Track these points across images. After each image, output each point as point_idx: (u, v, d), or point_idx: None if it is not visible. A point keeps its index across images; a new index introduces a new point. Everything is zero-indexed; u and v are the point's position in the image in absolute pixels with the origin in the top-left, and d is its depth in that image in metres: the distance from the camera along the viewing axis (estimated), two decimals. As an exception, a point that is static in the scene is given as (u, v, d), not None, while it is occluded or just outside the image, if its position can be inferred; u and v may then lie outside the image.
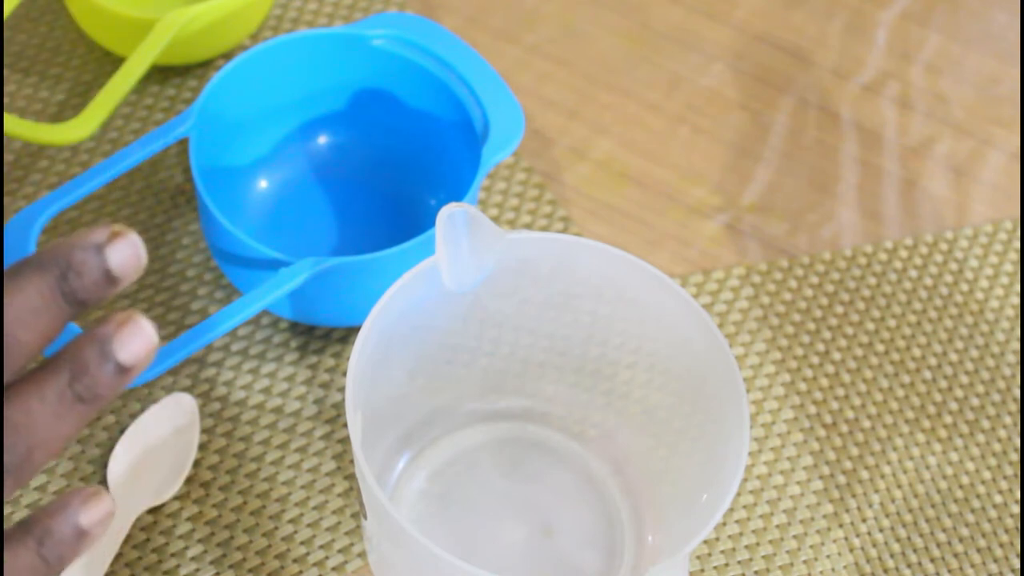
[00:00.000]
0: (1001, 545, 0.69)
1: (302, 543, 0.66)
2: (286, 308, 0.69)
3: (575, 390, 0.68)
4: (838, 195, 0.80)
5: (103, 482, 0.67)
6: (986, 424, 0.72)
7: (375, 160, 0.77)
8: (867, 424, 0.72)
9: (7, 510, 0.66)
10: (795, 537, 0.68)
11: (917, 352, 0.74)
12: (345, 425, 0.69)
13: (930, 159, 0.82)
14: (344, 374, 0.71)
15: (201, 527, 0.66)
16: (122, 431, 0.68)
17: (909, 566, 0.68)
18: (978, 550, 0.69)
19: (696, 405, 0.63)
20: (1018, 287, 0.77)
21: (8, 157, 0.77)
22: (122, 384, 0.42)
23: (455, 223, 0.59)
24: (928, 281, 0.77)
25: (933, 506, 0.70)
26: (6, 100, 0.79)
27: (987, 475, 0.71)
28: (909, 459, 0.71)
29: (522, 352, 0.67)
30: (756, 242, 0.77)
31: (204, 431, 0.69)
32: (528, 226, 0.77)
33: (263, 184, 0.76)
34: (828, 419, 0.72)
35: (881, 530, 0.69)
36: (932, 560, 0.68)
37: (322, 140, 0.77)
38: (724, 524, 0.68)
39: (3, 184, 0.76)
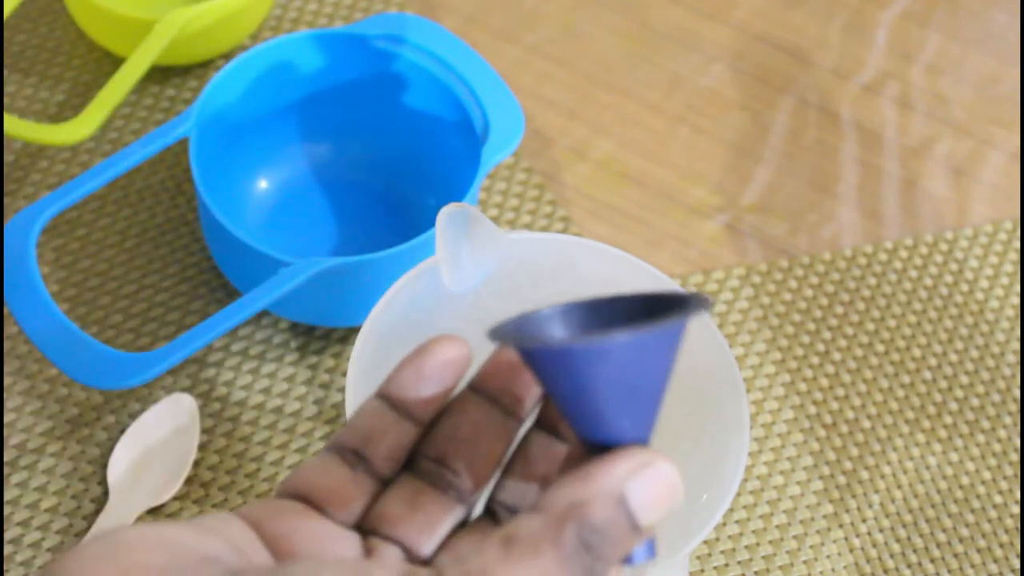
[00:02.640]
0: (1001, 545, 0.69)
1: (302, 543, 0.66)
2: (286, 308, 0.69)
3: (575, 390, 0.68)
4: (838, 195, 0.80)
5: (103, 482, 0.67)
6: (986, 424, 0.72)
7: (375, 160, 0.77)
8: (867, 424, 0.72)
9: (7, 511, 0.66)
10: (795, 537, 0.68)
11: (917, 352, 0.74)
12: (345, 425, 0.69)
13: (930, 159, 0.81)
14: (344, 374, 0.71)
15: (201, 527, 0.66)
16: (122, 431, 0.68)
17: (909, 566, 0.68)
18: (978, 550, 0.69)
19: (696, 405, 0.63)
20: (1018, 287, 0.77)
21: (8, 157, 0.77)
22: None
23: (455, 223, 0.59)
24: (928, 281, 0.77)
25: (933, 506, 0.70)
26: (6, 100, 0.79)
27: (987, 475, 0.71)
28: (909, 459, 0.71)
29: (522, 352, 0.67)
30: (756, 242, 0.77)
31: (204, 431, 0.69)
32: (528, 226, 0.77)
33: (263, 184, 0.76)
34: (828, 419, 0.72)
35: (881, 530, 0.69)
36: (932, 560, 0.68)
37: (322, 140, 0.77)
38: (724, 524, 0.68)
39: (3, 184, 0.76)
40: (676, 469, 0.36)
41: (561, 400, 0.36)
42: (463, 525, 0.39)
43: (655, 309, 0.38)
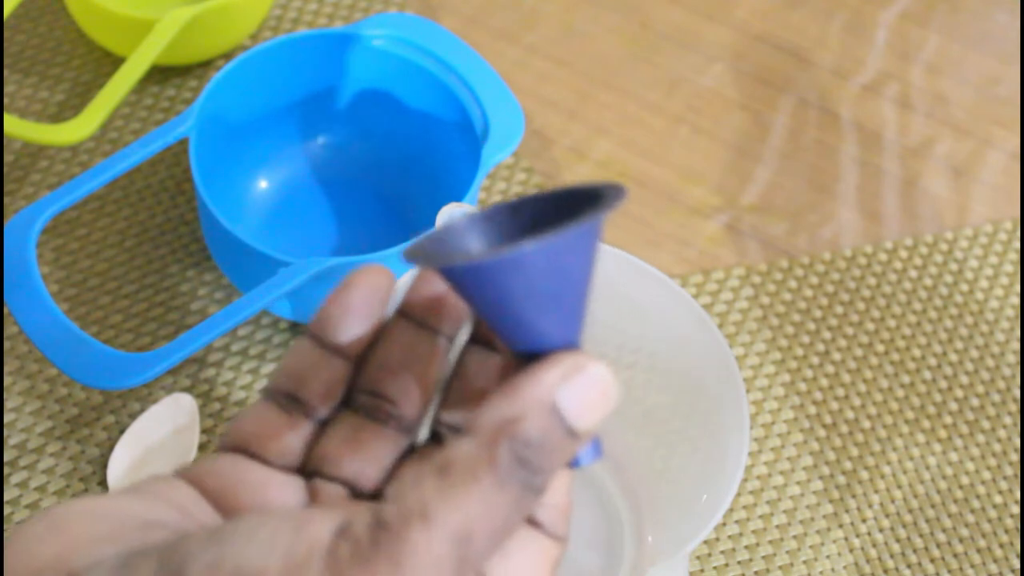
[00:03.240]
0: (1001, 545, 0.69)
1: (302, 543, 0.66)
2: (286, 308, 0.69)
3: (575, 390, 0.68)
4: (838, 195, 0.80)
5: (103, 482, 0.67)
6: (986, 424, 0.72)
7: (375, 160, 0.77)
8: (867, 424, 0.72)
9: (7, 511, 0.66)
10: (795, 537, 0.68)
11: (917, 352, 0.74)
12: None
13: (930, 159, 0.81)
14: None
15: (201, 527, 0.66)
16: (122, 431, 0.68)
17: (909, 566, 0.68)
18: (978, 550, 0.69)
19: (696, 405, 0.63)
20: (1018, 287, 0.77)
21: (8, 157, 0.77)
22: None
23: (455, 223, 0.59)
24: (928, 281, 0.77)
25: (933, 506, 0.70)
26: (6, 100, 0.79)
27: (987, 475, 0.71)
28: (909, 459, 0.71)
29: (522, 352, 0.67)
30: (756, 242, 0.77)
31: (204, 431, 0.69)
32: (528, 226, 0.77)
33: (263, 184, 0.76)
34: (828, 419, 0.72)
35: (881, 530, 0.69)
36: (932, 560, 0.68)
37: (322, 140, 0.77)
38: (724, 524, 0.68)
39: (3, 184, 0.76)
40: (608, 369, 0.35)
41: (484, 314, 0.35)
42: (412, 452, 0.38)
43: (578, 204, 0.37)
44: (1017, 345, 0.75)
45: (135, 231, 0.75)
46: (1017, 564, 0.68)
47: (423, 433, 0.39)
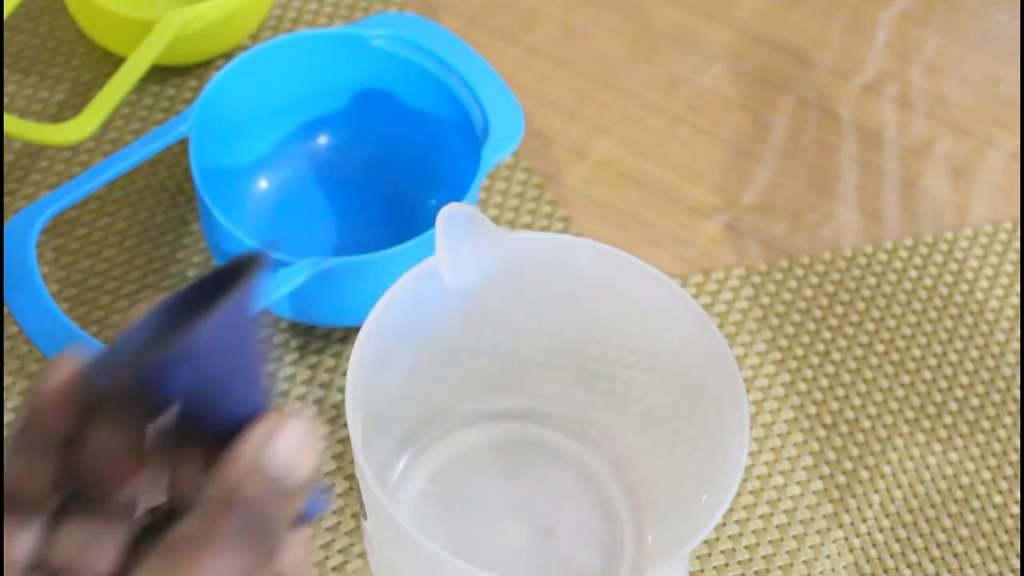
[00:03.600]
0: (1001, 545, 0.69)
1: (302, 543, 0.66)
2: (286, 308, 0.69)
3: (575, 390, 0.68)
4: (838, 195, 0.80)
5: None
6: (986, 424, 0.72)
7: (375, 160, 0.77)
8: (867, 424, 0.72)
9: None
10: (795, 537, 0.68)
11: (917, 352, 0.74)
12: (345, 425, 0.69)
13: (930, 159, 0.82)
14: (344, 374, 0.71)
15: (201, 527, 0.66)
16: (122, 431, 0.68)
17: (909, 566, 0.68)
18: (978, 550, 0.69)
19: (696, 405, 0.63)
20: (1018, 287, 0.77)
21: (8, 157, 0.77)
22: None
23: (455, 223, 0.59)
24: (928, 281, 0.77)
25: (933, 506, 0.70)
26: (6, 100, 0.79)
27: (987, 475, 0.71)
28: (909, 459, 0.71)
29: (522, 352, 0.67)
30: (756, 242, 0.77)
31: (204, 431, 0.69)
32: (528, 226, 0.77)
33: (263, 184, 0.76)
34: (828, 419, 0.72)
35: (881, 530, 0.69)
36: (932, 560, 0.68)
37: (322, 140, 0.77)
38: (724, 524, 0.68)
39: (3, 184, 0.76)
40: (302, 420, 0.37)
41: (178, 402, 0.37)
42: (156, 532, 0.38)
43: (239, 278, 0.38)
44: (1017, 345, 0.75)
45: (135, 231, 0.75)
46: (1017, 564, 0.68)
47: (148, 508, 0.39)
